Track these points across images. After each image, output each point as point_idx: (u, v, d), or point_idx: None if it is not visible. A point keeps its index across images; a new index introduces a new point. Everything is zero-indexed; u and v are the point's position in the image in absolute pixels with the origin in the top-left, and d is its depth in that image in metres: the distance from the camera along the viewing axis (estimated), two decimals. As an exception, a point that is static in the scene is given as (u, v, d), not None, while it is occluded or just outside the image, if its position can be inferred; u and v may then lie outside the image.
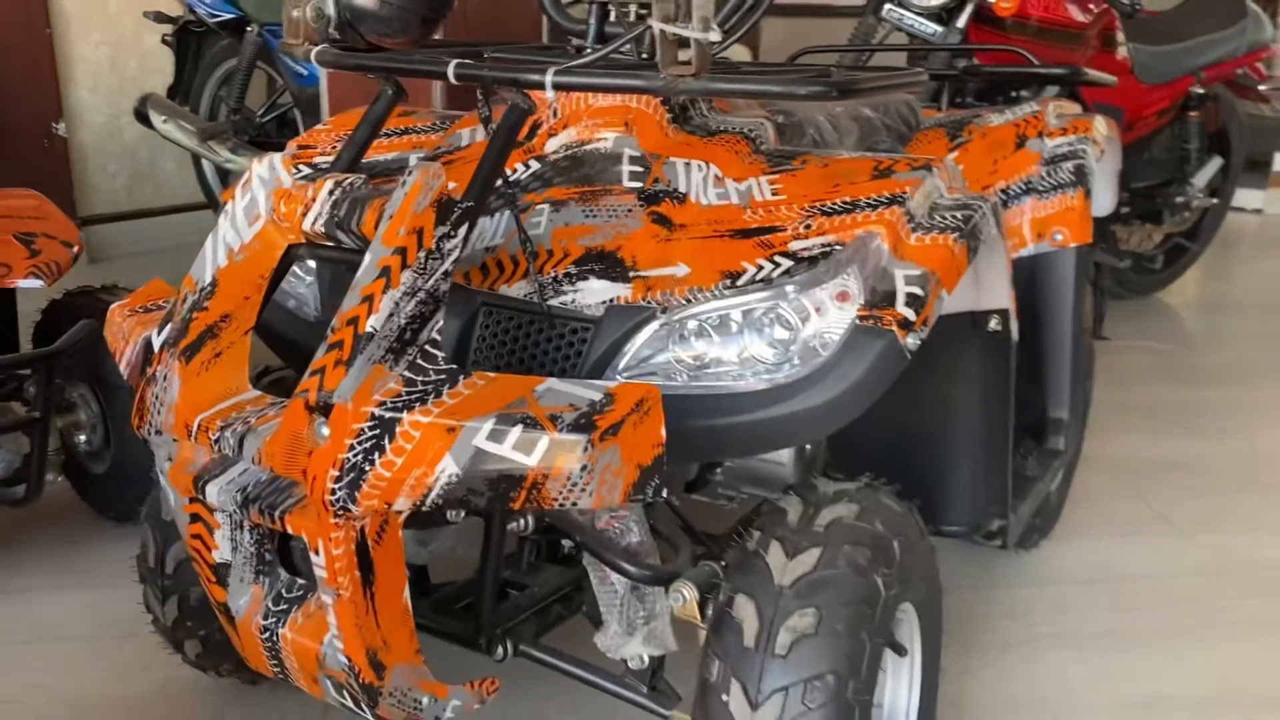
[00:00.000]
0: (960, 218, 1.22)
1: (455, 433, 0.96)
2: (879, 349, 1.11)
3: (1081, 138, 1.84)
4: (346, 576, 1.04)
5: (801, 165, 1.31)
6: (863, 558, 1.16)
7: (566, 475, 0.96)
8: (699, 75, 1.07)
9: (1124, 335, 3.65)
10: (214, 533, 1.16)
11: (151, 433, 1.15)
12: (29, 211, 2.00)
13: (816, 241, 1.17)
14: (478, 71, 1.14)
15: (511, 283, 1.22)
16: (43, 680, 1.72)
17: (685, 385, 1.15)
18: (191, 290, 1.15)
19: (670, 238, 1.22)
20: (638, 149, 1.31)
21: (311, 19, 1.36)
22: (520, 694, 1.62)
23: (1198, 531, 2.28)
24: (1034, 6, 3.10)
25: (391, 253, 1.01)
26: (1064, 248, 1.79)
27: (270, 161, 1.18)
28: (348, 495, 0.98)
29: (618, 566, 1.30)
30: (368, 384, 0.98)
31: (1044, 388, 1.85)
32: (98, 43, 4.37)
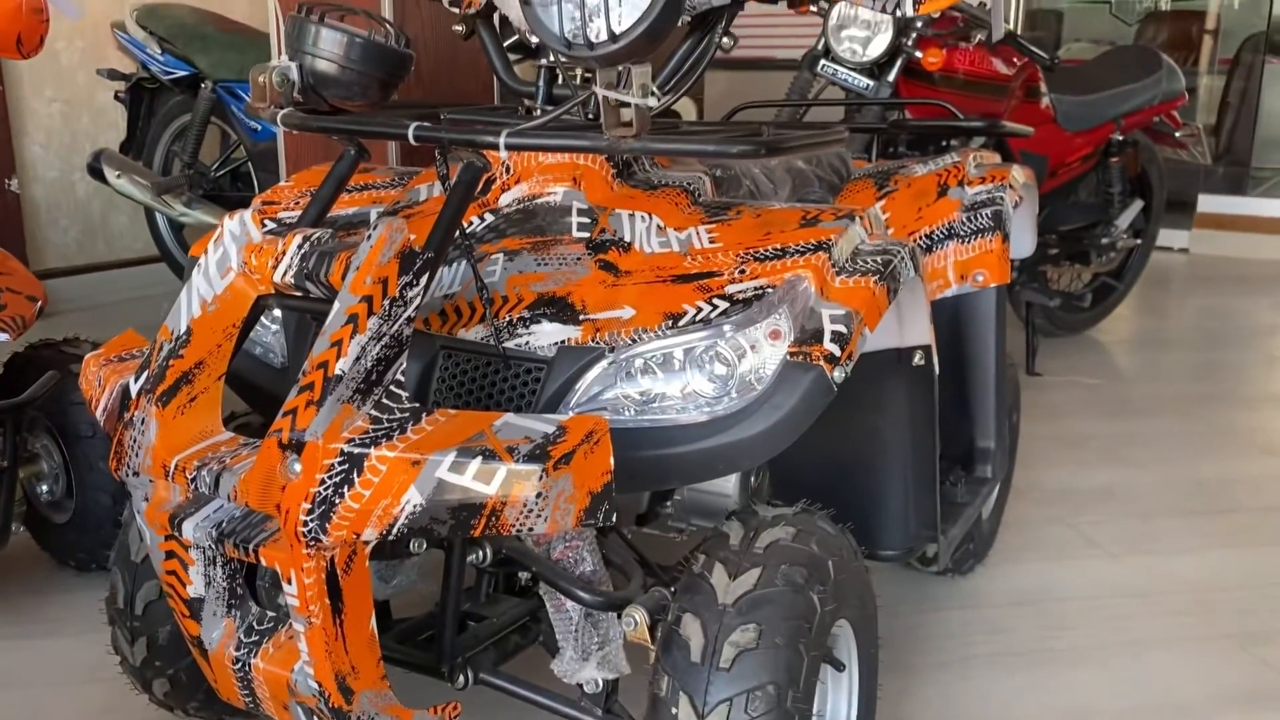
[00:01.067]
0: (880, 262, 1.33)
1: (419, 465, 1.04)
2: (808, 382, 1.21)
3: (999, 185, 1.97)
4: (317, 604, 1.12)
5: (736, 215, 1.41)
6: (799, 576, 1.25)
7: (523, 502, 1.05)
8: (639, 136, 1.17)
9: (1056, 371, 3.81)
10: (188, 569, 1.23)
11: (129, 474, 1.22)
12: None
13: (750, 285, 1.27)
14: (436, 134, 1.24)
15: (469, 327, 1.31)
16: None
17: (633, 419, 1.24)
18: (167, 339, 1.23)
19: (617, 283, 1.32)
20: (585, 202, 1.41)
21: (277, 84, 1.45)
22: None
23: (1125, 554, 2.41)
24: (960, 60, 3.27)
25: (358, 300, 1.10)
26: (985, 288, 1.92)
27: (241, 218, 1.26)
28: (319, 526, 1.06)
29: (572, 594, 1.38)
30: (337, 422, 1.06)
31: (971, 419, 1.96)
32: (50, 99, 4.42)
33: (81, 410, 2.03)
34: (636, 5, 1.11)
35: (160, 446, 1.18)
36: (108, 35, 4.27)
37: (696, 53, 1.48)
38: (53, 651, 1.93)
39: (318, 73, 1.46)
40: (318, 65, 1.45)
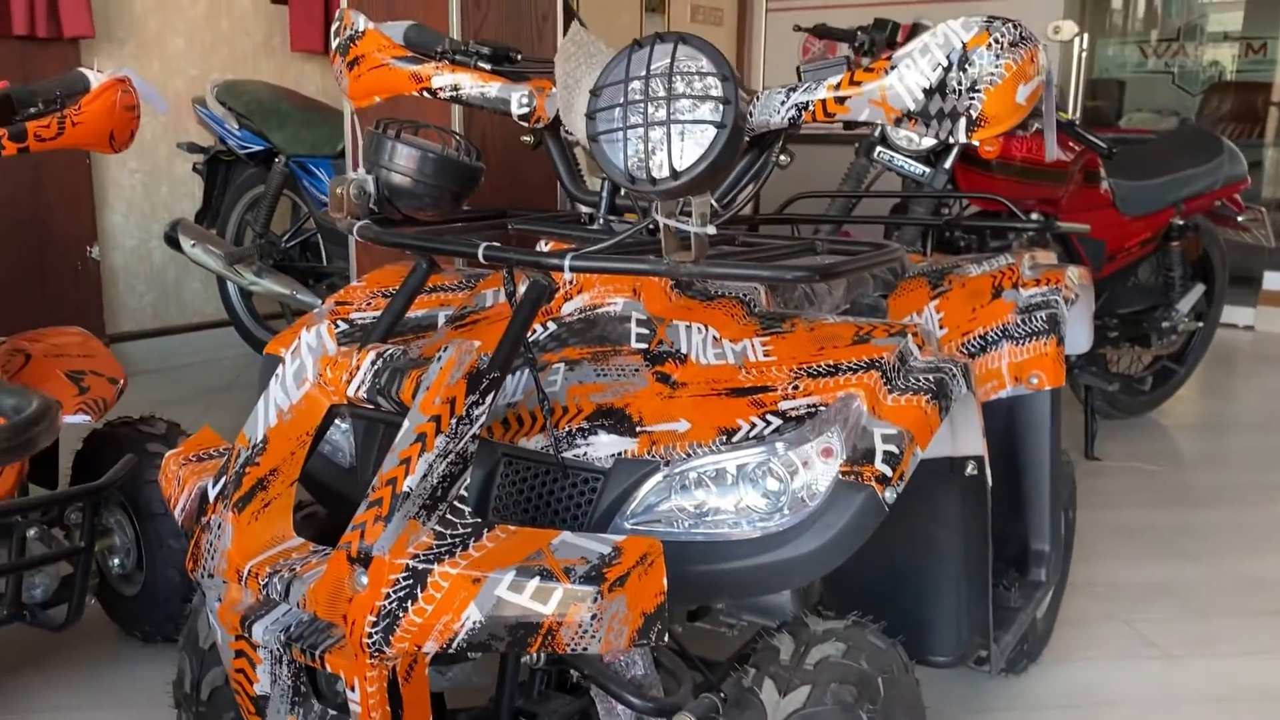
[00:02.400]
0: (932, 380, 1.35)
1: (480, 583, 1.08)
2: (859, 502, 1.24)
3: (1054, 288, 1.99)
4: (379, 712, 1.16)
5: (791, 328, 1.45)
6: (849, 695, 1.27)
7: (578, 623, 1.08)
8: (697, 261, 1.22)
9: (1115, 455, 3.77)
10: (256, 667, 1.27)
11: (204, 576, 1.27)
12: (78, 349, 2.16)
13: (803, 402, 1.31)
14: (504, 254, 1.30)
15: (530, 436, 1.36)
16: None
17: (686, 532, 1.27)
18: (245, 446, 1.29)
19: (673, 395, 1.36)
20: (645, 312, 1.46)
21: (354, 195, 1.53)
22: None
23: (1185, 656, 2.37)
24: (1017, 148, 3.30)
25: (427, 420, 1.15)
26: (1040, 390, 1.93)
27: (318, 330, 1.32)
28: (383, 639, 1.10)
29: (623, 699, 1.40)
30: (403, 538, 1.11)
31: (1025, 521, 1.96)
32: (133, 170, 4.61)
33: (154, 489, 2.10)
34: (699, 144, 1.16)
35: (235, 551, 1.23)
36: (188, 110, 4.46)
37: (753, 171, 1.54)
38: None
39: (393, 186, 1.54)
40: (393, 179, 1.53)
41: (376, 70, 1.68)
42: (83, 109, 2.09)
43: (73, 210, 4.34)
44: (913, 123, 1.39)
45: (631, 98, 1.18)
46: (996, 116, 1.36)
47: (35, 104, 2.13)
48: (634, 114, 1.18)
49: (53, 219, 4.28)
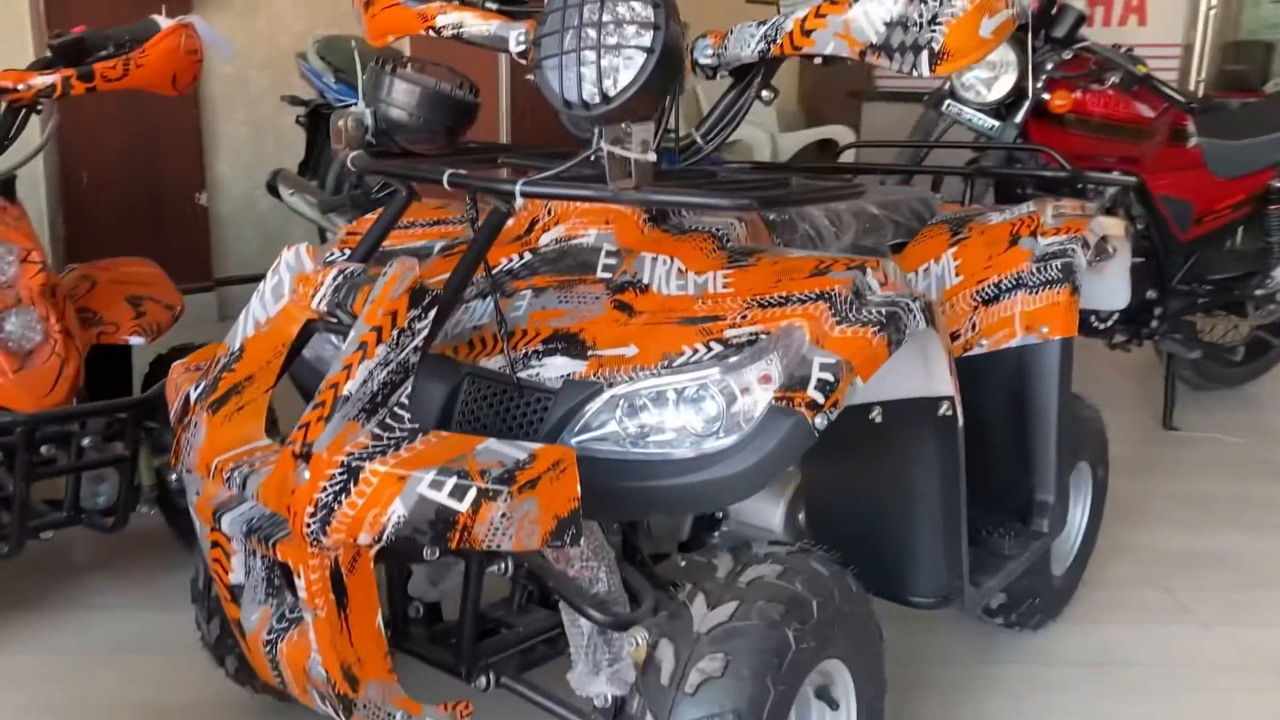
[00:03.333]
0: (883, 313, 1.36)
1: (405, 480, 1.16)
2: (788, 426, 1.27)
3: (1073, 237, 1.95)
4: (322, 599, 1.25)
5: (755, 262, 1.48)
6: (776, 613, 1.30)
7: (490, 520, 1.15)
8: (639, 188, 1.26)
9: (1196, 426, 3.64)
10: (230, 558, 1.39)
11: (184, 470, 1.39)
12: (140, 278, 2.32)
13: (746, 330, 1.34)
14: (463, 181, 1.36)
15: (490, 356, 1.43)
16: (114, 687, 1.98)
17: (625, 451, 1.32)
18: (224, 354, 1.39)
19: (628, 322, 1.41)
20: (615, 244, 1.50)
21: (352, 128, 1.61)
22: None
23: (1216, 624, 2.30)
24: (1095, 103, 3.19)
25: (369, 330, 1.23)
26: (1049, 340, 1.90)
27: (297, 250, 1.41)
28: (320, 529, 1.18)
29: (583, 611, 1.46)
30: (341, 437, 1.19)
31: (1030, 471, 1.94)
32: (240, 121, 4.84)
33: (205, 409, 2.25)
34: (630, 70, 1.20)
35: (207, 448, 1.34)
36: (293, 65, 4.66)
37: (737, 105, 1.56)
38: (165, 623, 2.14)
39: (390, 119, 1.61)
40: (390, 113, 1.61)
41: (389, 10, 1.76)
42: (146, 52, 2.24)
43: (183, 159, 4.60)
44: (876, 55, 1.39)
45: (567, 24, 1.22)
46: (959, 50, 1.36)
47: (107, 47, 2.28)
48: (570, 41, 1.23)
49: (165, 167, 4.54)
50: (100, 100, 4.15)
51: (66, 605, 2.27)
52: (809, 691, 1.47)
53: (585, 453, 1.33)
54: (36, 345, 1.99)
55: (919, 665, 2.09)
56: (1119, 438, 3.53)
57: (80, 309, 2.19)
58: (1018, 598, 2.11)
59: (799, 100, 7.45)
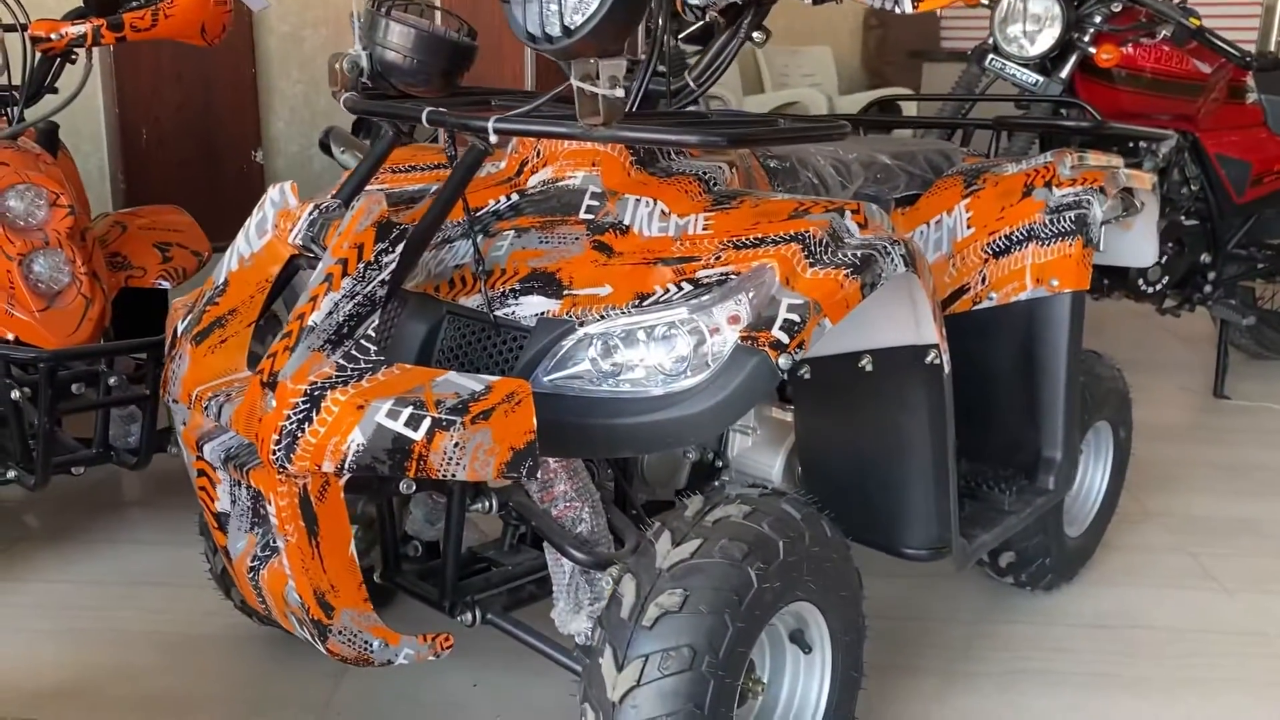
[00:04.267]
0: (858, 256, 1.35)
1: (363, 409, 1.18)
2: (751, 365, 1.26)
3: (1088, 189, 1.90)
4: (292, 525, 1.28)
5: (738, 205, 1.47)
6: (738, 551, 1.30)
7: (443, 450, 1.17)
8: (608, 124, 1.26)
9: (1249, 395, 3.54)
10: (216, 486, 1.43)
11: (170, 400, 1.43)
12: (170, 225, 2.39)
13: (717, 271, 1.33)
14: (440, 118, 1.37)
15: (470, 295, 1.44)
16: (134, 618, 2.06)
17: (595, 389, 1.33)
18: (209, 289, 1.43)
19: (607, 263, 1.41)
20: (600, 186, 1.51)
21: (347, 69, 1.63)
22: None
23: (1241, 591, 2.24)
24: (1145, 58, 3.08)
25: (335, 262, 1.25)
26: (1059, 293, 1.86)
27: (282, 187, 1.44)
28: (285, 455, 1.21)
29: (564, 550, 1.49)
30: (305, 367, 1.22)
31: (1038, 427, 1.90)
32: (295, 80, 4.92)
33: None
34: (587, 4, 1.20)
35: (189, 378, 1.38)
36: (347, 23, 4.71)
37: (728, 48, 1.55)
38: (184, 559, 2.21)
39: (386, 62, 1.63)
40: (386, 55, 1.63)
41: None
42: (175, 2, 2.28)
43: (238, 116, 4.69)
44: (856, -7, 1.37)
45: (531, -41, 1.22)
46: (941, -14, 1.33)
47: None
48: (533, -25, 1.22)
49: (221, 124, 4.64)
50: (158, 58, 4.28)
51: (96, 539, 2.36)
52: (783, 634, 1.47)
53: (557, 390, 1.34)
54: (64, 286, 2.06)
55: (925, 619, 2.08)
56: (1166, 403, 3.47)
57: (111, 254, 2.26)
58: (1028, 557, 2.08)
59: (862, 62, 7.33)
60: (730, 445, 1.84)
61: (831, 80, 6.76)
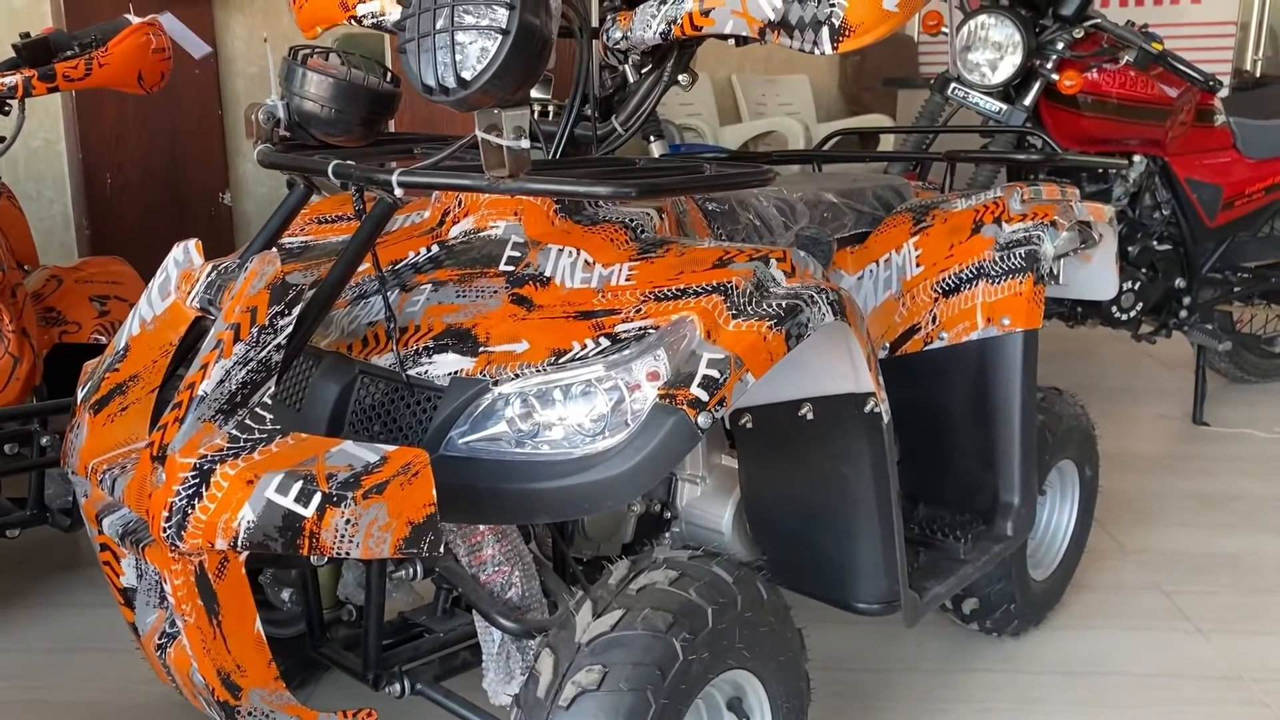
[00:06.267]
0: (783, 307, 1.29)
1: (253, 484, 1.12)
2: (670, 425, 1.20)
3: (1039, 224, 1.84)
4: (189, 604, 1.21)
5: (663, 254, 1.41)
6: (662, 622, 1.23)
7: (334, 527, 1.10)
8: (515, 176, 1.21)
9: (1229, 421, 3.48)
10: (120, 561, 1.36)
11: (70, 472, 1.37)
12: (109, 277, 2.33)
13: (637, 324, 1.27)
14: (346, 171, 1.32)
15: (384, 353, 1.38)
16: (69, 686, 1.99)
17: (510, 451, 1.26)
18: (109, 354, 1.37)
19: (525, 317, 1.35)
20: (523, 235, 1.45)
21: (262, 121, 1.58)
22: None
23: (1217, 632, 2.17)
24: (1110, 84, 3.04)
25: (228, 327, 1.19)
26: (1010, 332, 1.80)
27: (186, 246, 1.38)
28: (176, 533, 1.15)
29: (490, 618, 1.42)
30: (195, 439, 1.15)
31: (994, 471, 1.84)
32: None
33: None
34: (485, 54, 1.14)
35: (86, 449, 1.32)
36: (313, 63, 4.68)
37: (653, 90, 1.50)
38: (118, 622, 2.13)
39: (303, 112, 1.57)
40: (304, 105, 1.57)
41: (314, 1, 1.73)
42: (109, 51, 2.24)
43: (206, 159, 4.64)
44: (776, 34, 1.32)
45: (425, 6, 1.17)
46: (863, 24, 1.28)
47: (72, 47, 2.29)
48: (427, 23, 1.17)
49: (188, 167, 4.59)
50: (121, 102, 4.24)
51: (32, 603, 2.28)
52: (720, 703, 1.40)
53: (472, 454, 1.28)
54: (-10, 345, 2.00)
55: (886, 670, 2.01)
56: (1143, 433, 3.41)
57: (45, 309, 2.21)
58: (992, 603, 2.01)
59: (840, 89, 7.30)
60: (680, 495, 1.78)
61: (809, 109, 6.74)
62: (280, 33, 4.81)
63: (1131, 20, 3.06)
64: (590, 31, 1.48)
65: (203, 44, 2.56)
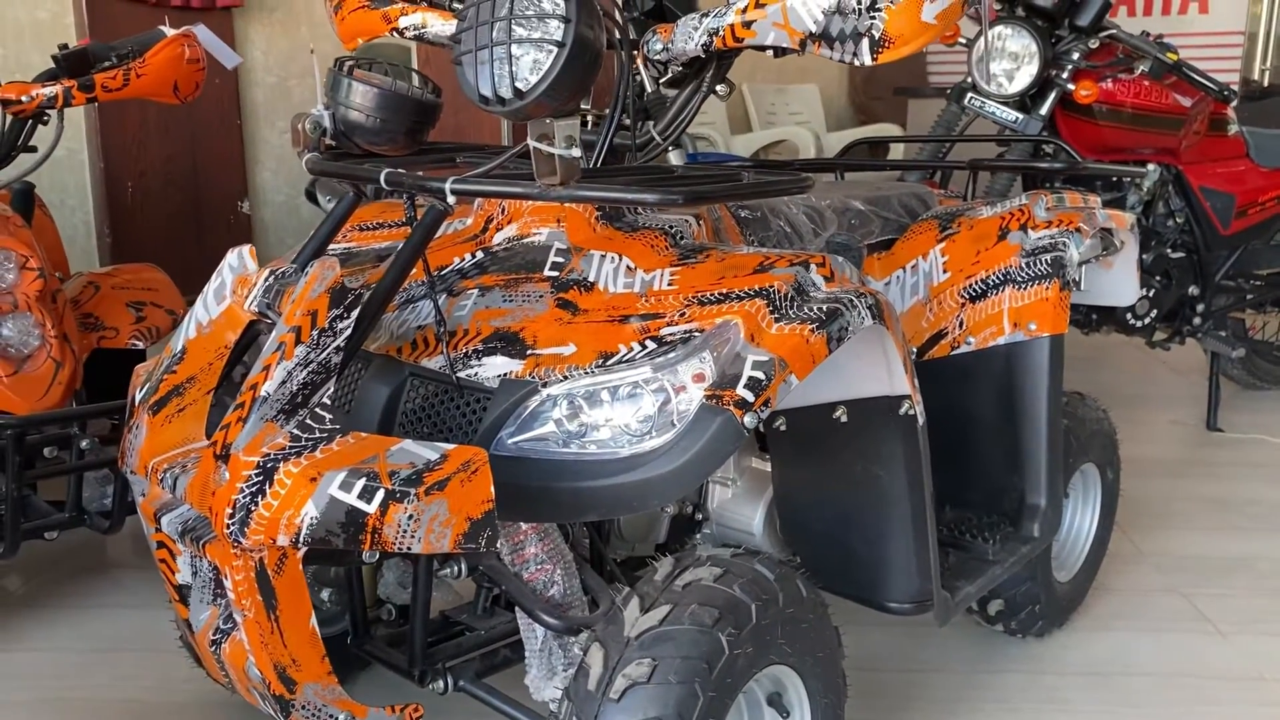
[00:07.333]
0: (824, 310, 1.32)
1: (316, 481, 1.15)
2: (716, 425, 1.23)
3: (1064, 231, 1.88)
4: (249, 600, 1.25)
5: (704, 259, 1.44)
6: (709, 617, 1.27)
7: (397, 522, 1.14)
8: (565, 184, 1.24)
9: (1242, 427, 3.51)
10: (176, 558, 1.39)
11: (129, 471, 1.40)
12: (144, 283, 2.37)
13: (681, 328, 1.31)
14: (399, 180, 1.35)
15: (433, 356, 1.42)
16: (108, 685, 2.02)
17: (559, 451, 1.30)
18: (167, 356, 1.40)
19: (571, 321, 1.39)
20: (565, 242, 1.49)
21: (309, 130, 1.62)
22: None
23: (1237, 633, 2.20)
24: (1125, 93, 3.08)
25: (288, 330, 1.23)
26: (1037, 337, 1.83)
27: (240, 252, 1.42)
28: (239, 530, 1.18)
29: (534, 615, 1.45)
30: (259, 438, 1.19)
31: (1021, 474, 1.87)
32: (282, 131, 4.92)
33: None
34: (539, 66, 1.18)
35: (146, 449, 1.35)
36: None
37: (691, 101, 1.54)
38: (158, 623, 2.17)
39: (349, 121, 1.61)
40: (349, 115, 1.61)
41: (356, 13, 1.77)
42: (146, 62, 2.28)
43: (225, 167, 4.69)
44: (817, 45, 1.36)
45: (482, 19, 1.21)
46: (902, 36, 1.32)
47: (110, 59, 2.33)
48: (484, 36, 1.21)
49: (208, 176, 4.64)
50: (144, 111, 4.28)
51: (70, 604, 2.32)
52: (760, 698, 1.43)
53: (521, 453, 1.32)
54: (33, 350, 2.04)
55: (914, 670, 2.04)
56: (1159, 438, 3.44)
57: (84, 315, 2.25)
58: (1017, 604, 2.04)
59: (849, 99, 7.36)
60: (711, 497, 1.81)
61: (819, 118, 6.78)
62: (298, 42, 4.87)
63: (1146, 30, 3.10)
64: (630, 43, 1.52)
65: (234, 55, 2.61)
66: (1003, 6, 3.06)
